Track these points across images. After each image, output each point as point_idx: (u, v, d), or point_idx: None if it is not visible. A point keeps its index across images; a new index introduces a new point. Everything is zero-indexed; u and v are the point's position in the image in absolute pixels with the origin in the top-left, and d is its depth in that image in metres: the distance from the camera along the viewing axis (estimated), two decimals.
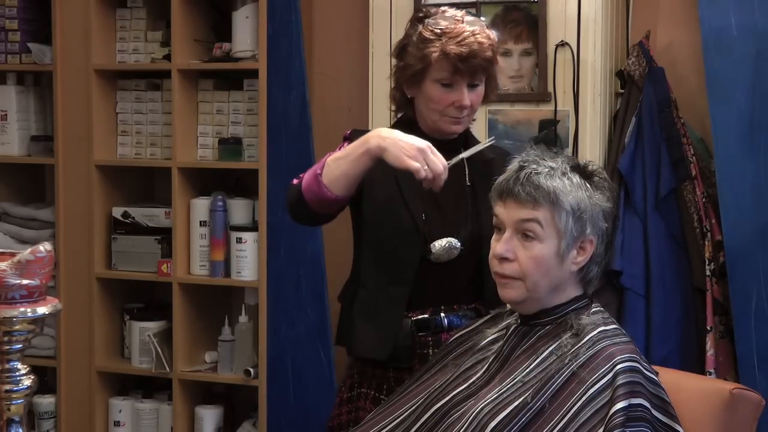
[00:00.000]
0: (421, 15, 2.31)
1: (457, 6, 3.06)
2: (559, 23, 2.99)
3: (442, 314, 2.26)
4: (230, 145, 3.36)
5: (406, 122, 2.34)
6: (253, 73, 3.29)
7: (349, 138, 2.29)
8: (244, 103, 3.38)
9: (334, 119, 3.56)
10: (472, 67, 2.21)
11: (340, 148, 2.25)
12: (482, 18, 2.36)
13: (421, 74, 2.24)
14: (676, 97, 3.05)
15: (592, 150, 3.00)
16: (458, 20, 2.25)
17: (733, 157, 2.83)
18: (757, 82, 2.82)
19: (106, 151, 3.51)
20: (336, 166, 2.15)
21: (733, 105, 2.83)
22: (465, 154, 2.22)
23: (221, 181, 3.49)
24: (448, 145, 2.24)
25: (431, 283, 2.24)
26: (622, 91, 3.12)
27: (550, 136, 2.98)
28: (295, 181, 2.25)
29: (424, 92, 2.26)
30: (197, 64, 3.37)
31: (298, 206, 2.22)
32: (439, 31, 2.23)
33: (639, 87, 3.03)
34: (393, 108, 2.40)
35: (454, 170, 2.16)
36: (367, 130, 2.30)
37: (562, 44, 2.98)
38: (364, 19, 3.26)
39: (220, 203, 3.35)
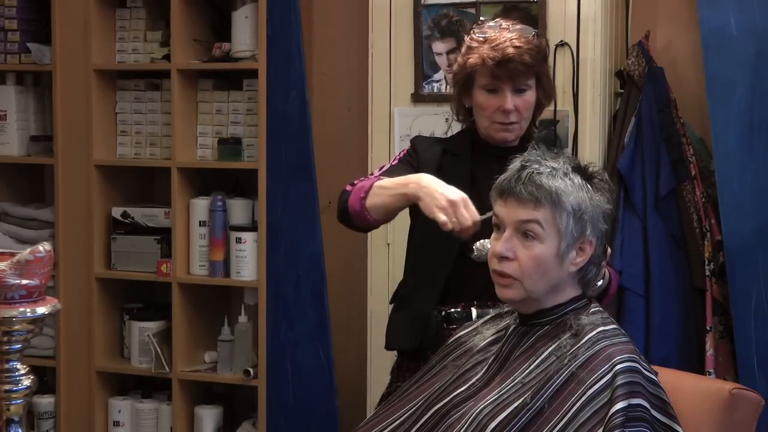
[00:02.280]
0: (474, 25, 2.38)
1: (456, 6, 3.09)
2: (558, 23, 3.00)
3: (474, 309, 2.28)
4: (230, 145, 3.36)
5: (467, 132, 2.42)
6: (253, 73, 3.29)
7: (413, 146, 2.41)
8: (244, 103, 3.38)
9: (334, 119, 3.57)
10: (509, 71, 2.24)
11: (400, 156, 2.40)
12: (522, 26, 2.35)
13: (470, 82, 2.31)
14: (676, 97, 3.05)
15: (592, 150, 3.00)
16: (504, 28, 2.30)
17: (732, 157, 2.83)
18: (757, 82, 2.82)
19: (106, 151, 3.51)
20: (378, 194, 2.24)
21: (732, 105, 2.83)
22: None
23: (221, 181, 3.48)
24: (505, 153, 2.22)
25: (469, 280, 2.26)
26: (622, 91, 3.12)
27: (549, 136, 2.98)
28: (348, 188, 2.32)
29: (474, 99, 2.33)
30: (197, 64, 3.37)
31: (343, 214, 2.32)
32: (482, 38, 2.29)
33: (638, 87, 3.04)
34: (458, 119, 2.45)
35: None
36: (432, 137, 2.45)
37: (562, 44, 2.99)
38: (363, 19, 3.26)
39: (220, 203, 3.35)
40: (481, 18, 2.44)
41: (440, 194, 2.12)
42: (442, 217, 2.09)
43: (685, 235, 3.00)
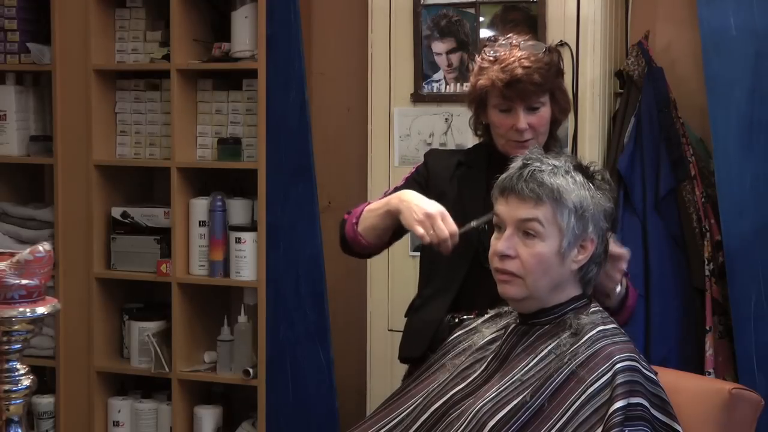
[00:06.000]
0: (486, 42, 2.37)
1: (456, 6, 3.08)
2: (558, 23, 2.99)
3: (486, 315, 2.27)
4: (229, 145, 3.36)
5: (483, 146, 2.41)
6: (252, 73, 3.29)
7: (425, 160, 2.43)
8: (243, 103, 3.38)
9: (334, 119, 3.57)
10: (519, 92, 2.24)
11: (407, 177, 2.41)
12: (533, 42, 2.34)
13: (483, 101, 2.31)
14: (675, 97, 3.05)
15: (591, 150, 3.00)
16: (515, 45, 2.28)
17: (732, 157, 2.83)
18: (756, 83, 2.82)
19: (105, 151, 3.51)
20: (367, 217, 2.29)
21: (732, 105, 2.83)
22: (474, 223, 2.17)
23: (220, 181, 3.48)
24: None
25: (483, 289, 2.24)
26: (621, 91, 3.12)
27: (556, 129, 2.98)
28: (345, 216, 2.37)
29: (489, 118, 2.32)
30: (196, 64, 3.37)
31: (343, 243, 2.37)
32: (492, 58, 2.28)
33: (638, 87, 3.03)
34: (477, 134, 2.44)
35: None
36: (449, 150, 2.53)
37: (561, 44, 2.98)
38: (363, 19, 3.26)
39: (219, 203, 3.35)
40: (494, 35, 2.41)
41: (418, 207, 2.16)
42: (420, 230, 2.12)
43: (684, 235, 3.00)
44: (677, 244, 3.01)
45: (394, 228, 2.29)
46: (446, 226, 2.12)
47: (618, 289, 2.15)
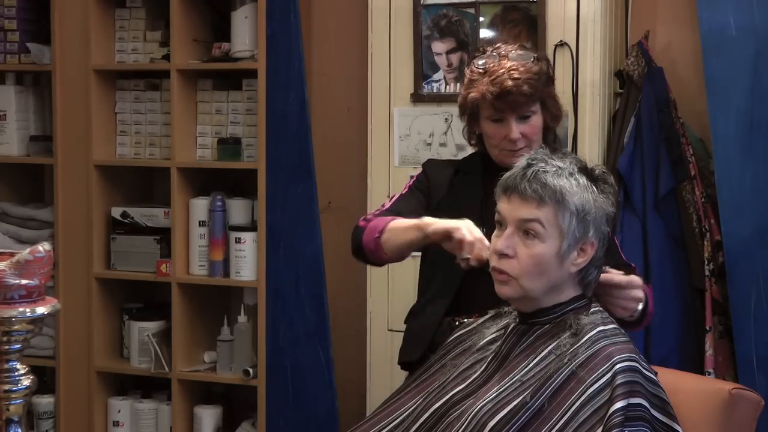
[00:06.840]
0: (476, 54, 2.37)
1: (456, 6, 3.08)
2: (558, 23, 2.99)
3: (487, 316, 2.26)
4: (229, 145, 3.36)
5: (479, 155, 2.43)
6: (252, 73, 3.29)
7: (424, 171, 2.44)
8: (243, 103, 3.39)
9: (334, 119, 3.57)
10: (510, 103, 2.25)
11: (410, 184, 2.42)
12: (522, 51, 2.34)
13: (475, 113, 2.32)
14: (675, 97, 3.05)
15: (591, 150, 3.00)
16: (503, 56, 2.29)
17: (732, 157, 2.84)
18: (756, 83, 2.82)
19: (105, 151, 3.51)
20: (393, 234, 2.25)
21: (732, 105, 2.83)
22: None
23: (220, 181, 3.49)
24: None
25: (483, 292, 2.23)
26: (621, 91, 3.12)
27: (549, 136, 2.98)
28: (361, 223, 2.33)
29: (482, 128, 2.34)
30: (196, 64, 3.37)
31: (358, 251, 2.34)
32: (481, 70, 2.29)
33: (638, 87, 3.03)
34: (471, 143, 2.45)
35: None
36: (445, 160, 2.52)
37: (561, 44, 2.99)
38: (363, 19, 3.26)
39: (219, 203, 3.35)
40: (483, 46, 2.42)
41: (447, 220, 2.14)
42: (453, 224, 2.10)
43: (684, 236, 3.00)
44: (677, 244, 3.01)
45: (419, 244, 2.26)
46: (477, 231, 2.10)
47: (640, 306, 2.10)
